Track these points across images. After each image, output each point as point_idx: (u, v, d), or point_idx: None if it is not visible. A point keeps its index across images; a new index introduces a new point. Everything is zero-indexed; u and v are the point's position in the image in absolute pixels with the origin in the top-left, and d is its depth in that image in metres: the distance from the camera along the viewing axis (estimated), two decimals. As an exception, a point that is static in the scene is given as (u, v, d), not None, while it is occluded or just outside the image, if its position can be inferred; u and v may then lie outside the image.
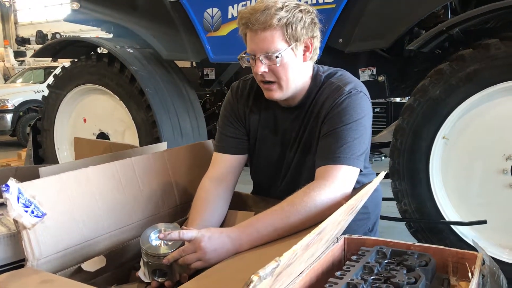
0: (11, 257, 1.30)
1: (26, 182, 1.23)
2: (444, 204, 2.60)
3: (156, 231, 1.40)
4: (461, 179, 2.57)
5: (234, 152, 1.74)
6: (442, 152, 2.59)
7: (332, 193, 1.40)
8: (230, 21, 3.16)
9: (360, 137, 1.51)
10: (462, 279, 1.14)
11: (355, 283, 0.96)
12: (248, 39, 1.55)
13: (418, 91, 2.57)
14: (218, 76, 3.80)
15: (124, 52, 3.55)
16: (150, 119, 3.50)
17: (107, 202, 1.46)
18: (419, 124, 2.56)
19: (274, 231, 1.36)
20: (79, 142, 2.21)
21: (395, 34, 2.66)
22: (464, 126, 2.53)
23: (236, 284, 0.93)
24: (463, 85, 2.44)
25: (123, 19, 3.72)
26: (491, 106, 2.46)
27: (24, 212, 1.18)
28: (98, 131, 3.93)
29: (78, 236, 1.35)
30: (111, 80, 3.65)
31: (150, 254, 1.35)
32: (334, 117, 1.54)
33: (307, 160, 1.66)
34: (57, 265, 1.29)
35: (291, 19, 1.50)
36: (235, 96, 1.79)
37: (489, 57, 2.37)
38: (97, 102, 3.90)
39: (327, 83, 1.63)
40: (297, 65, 1.58)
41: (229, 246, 1.34)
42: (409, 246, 1.20)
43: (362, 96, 1.57)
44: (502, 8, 2.40)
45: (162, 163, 1.71)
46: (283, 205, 1.40)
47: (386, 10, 2.67)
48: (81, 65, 3.81)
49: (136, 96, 3.54)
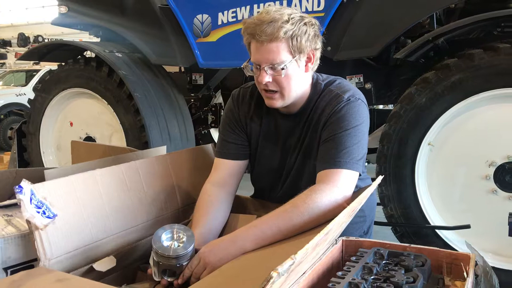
0: (21, 257, 1.32)
1: (38, 184, 1.26)
2: (429, 209, 2.67)
3: (168, 232, 1.43)
4: (446, 185, 2.65)
5: (235, 158, 1.78)
6: (427, 158, 2.66)
7: (334, 195, 1.45)
8: (220, 27, 3.20)
9: (359, 142, 1.57)
10: (456, 279, 1.19)
11: (356, 283, 1.00)
12: (254, 49, 1.59)
13: (405, 98, 2.64)
14: (207, 81, 3.83)
15: (113, 56, 3.56)
16: (138, 124, 3.51)
17: (114, 204, 1.49)
18: (405, 130, 2.63)
19: (279, 232, 1.40)
20: (77, 146, 2.21)
21: (383, 43, 2.72)
22: (449, 133, 2.60)
23: (247, 281, 0.97)
24: (448, 93, 2.52)
25: (112, 23, 3.73)
26: (474, 114, 2.54)
27: (37, 213, 1.20)
28: (84, 135, 3.92)
29: (87, 237, 1.38)
30: (99, 84, 3.65)
31: (161, 254, 1.37)
32: (334, 123, 1.59)
33: (308, 164, 1.71)
34: (68, 265, 1.32)
35: (296, 32, 1.54)
36: (236, 103, 1.83)
37: (473, 66, 2.45)
38: (84, 106, 3.89)
39: (326, 90, 1.68)
40: (300, 75, 1.63)
41: (232, 249, 1.40)
42: (405, 248, 1.25)
43: (360, 103, 1.63)
44: (484, 20, 2.49)
45: (164, 167, 1.75)
46: (286, 207, 1.44)
47: (374, 19, 2.74)
48: (68, 69, 3.80)
49: (124, 100, 3.54)
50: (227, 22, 3.16)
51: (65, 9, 3.99)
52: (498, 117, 2.48)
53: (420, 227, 2.65)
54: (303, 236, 1.37)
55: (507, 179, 2.48)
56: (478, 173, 2.55)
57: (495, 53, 2.41)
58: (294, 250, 0.88)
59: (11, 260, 1.31)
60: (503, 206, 2.48)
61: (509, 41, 2.43)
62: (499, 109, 2.48)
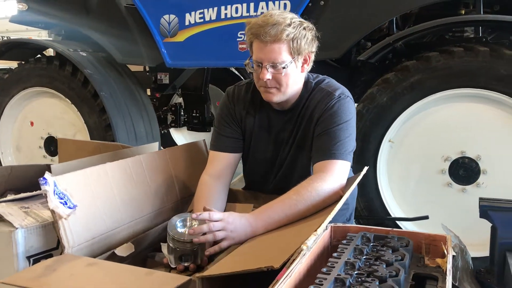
0: (42, 246, 1.40)
1: (59, 176, 1.32)
2: (390, 201, 2.83)
3: (181, 220, 1.55)
4: (405, 179, 2.82)
5: (231, 151, 1.90)
6: (388, 154, 2.82)
7: (331, 184, 1.60)
8: (187, 27, 3.25)
9: (350, 135, 1.73)
10: (435, 257, 1.32)
11: (352, 262, 1.12)
12: (256, 48, 1.72)
13: (367, 98, 2.79)
14: (173, 81, 3.86)
15: (77, 55, 3.54)
16: (103, 123, 3.50)
17: (123, 196, 1.58)
18: (367, 128, 2.78)
19: (285, 217, 1.55)
20: (64, 143, 2.22)
21: (347, 45, 2.86)
22: (408, 130, 2.77)
23: (262, 259, 1.07)
24: (407, 93, 2.69)
25: (75, 22, 3.69)
26: (431, 112, 2.72)
27: (60, 203, 1.25)
28: (46, 134, 3.87)
29: (102, 227, 1.46)
30: (62, 83, 3.62)
31: (177, 239, 1.48)
32: (327, 119, 1.74)
33: (301, 156, 1.85)
34: (87, 253, 1.40)
35: (297, 35, 1.68)
36: (232, 99, 1.95)
37: (430, 68, 2.63)
38: (46, 106, 3.84)
39: (317, 89, 1.83)
40: (296, 75, 1.77)
41: (248, 229, 1.53)
42: (388, 232, 1.38)
43: (349, 100, 1.80)
44: (439, 25, 2.67)
45: (165, 161, 1.85)
46: (290, 194, 1.59)
47: (338, 22, 2.87)
48: (29, 68, 3.73)
49: (89, 99, 3.53)
50: (195, 22, 3.21)
51: (24, 7, 3.91)
52: (453, 115, 2.67)
53: (382, 219, 2.81)
54: (305, 221, 1.50)
55: (460, 173, 2.68)
56: (434, 167, 2.73)
57: (449, 56, 2.59)
58: (302, 232, 0.98)
59: (33, 249, 1.38)
60: (458, 198, 2.68)
61: (462, 45, 2.62)
62: (453, 108, 2.67)
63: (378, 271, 1.16)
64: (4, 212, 1.39)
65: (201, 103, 4.13)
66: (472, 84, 2.56)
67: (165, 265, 1.53)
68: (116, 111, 3.48)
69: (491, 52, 2.50)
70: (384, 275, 1.14)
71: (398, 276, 1.15)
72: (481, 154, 2.61)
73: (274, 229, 1.55)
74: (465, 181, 2.67)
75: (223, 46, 3.16)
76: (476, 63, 2.52)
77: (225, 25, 3.13)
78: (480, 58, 2.51)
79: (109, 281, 1.16)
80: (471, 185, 2.65)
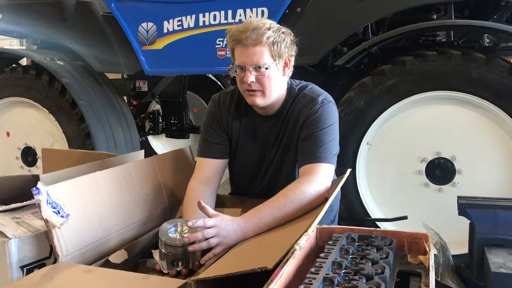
0: (35, 256, 1.40)
1: (52, 186, 1.32)
2: (370, 203, 2.91)
3: (172, 225, 1.58)
4: (384, 180, 2.90)
5: (218, 157, 1.94)
6: (366, 156, 2.90)
7: (317, 186, 1.65)
8: (165, 35, 3.27)
9: (334, 139, 1.79)
10: (417, 254, 1.38)
11: (339, 261, 1.16)
12: (238, 53, 1.77)
13: (344, 102, 2.86)
14: (151, 88, 3.86)
15: (54, 64, 3.51)
16: (82, 132, 3.49)
17: (114, 204, 1.59)
18: (346, 132, 2.84)
19: (274, 219, 1.59)
20: (48, 153, 2.21)
21: (324, 51, 2.93)
22: (385, 133, 2.85)
23: (255, 261, 1.10)
24: (384, 96, 2.77)
25: (51, 31, 3.67)
26: (407, 115, 2.81)
27: (53, 212, 1.26)
28: (23, 145, 3.82)
29: (94, 235, 1.48)
30: (39, 93, 3.58)
31: (169, 244, 1.51)
32: (311, 123, 1.80)
33: (287, 160, 1.90)
34: (80, 261, 1.42)
35: (277, 38, 1.75)
36: (218, 106, 1.99)
37: (405, 72, 2.71)
38: (22, 115, 3.79)
39: (301, 94, 1.89)
40: (279, 78, 1.82)
41: (239, 233, 1.56)
42: (372, 231, 1.43)
43: (332, 105, 1.86)
44: (412, 31, 2.75)
45: (152, 168, 1.87)
46: (278, 197, 1.63)
47: (315, 29, 2.93)
48: (5, 77, 3.69)
49: (67, 108, 3.51)
50: (173, 30, 3.24)
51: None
52: (428, 117, 2.76)
53: (362, 220, 2.88)
54: (293, 223, 1.54)
55: (437, 173, 2.76)
56: (411, 168, 2.81)
57: (423, 60, 2.67)
58: (291, 233, 1.02)
59: (26, 259, 1.39)
60: (435, 197, 2.77)
61: (435, 49, 2.71)
62: (428, 110, 2.76)
63: (364, 269, 1.21)
64: (-4, 223, 1.39)
65: (179, 110, 4.13)
66: (445, 87, 2.65)
67: (157, 271, 1.55)
68: (95, 120, 3.47)
69: (463, 56, 2.59)
70: (370, 273, 1.19)
71: (384, 273, 1.20)
72: (456, 154, 2.70)
73: (264, 231, 1.59)
74: (441, 181, 2.75)
75: (202, 53, 3.19)
76: (449, 66, 2.61)
77: (204, 32, 3.16)
78: (452, 61, 2.60)
79: (107, 286, 1.18)
80: (447, 184, 2.74)
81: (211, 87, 4.39)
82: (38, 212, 1.32)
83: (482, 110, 2.64)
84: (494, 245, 1.85)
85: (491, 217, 1.85)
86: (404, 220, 2.78)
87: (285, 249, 1.17)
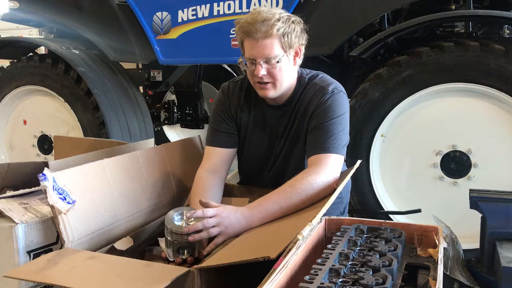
0: (42, 241, 1.42)
1: (58, 172, 1.33)
2: (383, 196, 2.87)
3: (178, 213, 1.57)
4: (398, 173, 2.86)
5: (226, 146, 1.93)
6: (380, 149, 2.86)
7: (325, 177, 1.63)
8: (180, 25, 3.26)
9: (344, 129, 1.76)
10: (427, 247, 1.35)
11: (346, 253, 1.14)
12: (248, 46, 1.74)
13: (359, 93, 2.82)
14: (166, 78, 3.87)
15: (70, 53, 3.54)
16: (97, 120, 3.51)
17: (121, 191, 1.60)
18: (360, 123, 2.81)
19: (280, 210, 1.57)
20: (60, 140, 2.23)
21: (339, 41, 2.89)
22: (400, 125, 2.81)
23: (259, 250, 1.09)
24: (399, 88, 2.72)
25: (68, 20, 3.69)
26: (423, 107, 2.76)
27: (59, 199, 1.27)
28: (40, 133, 3.87)
29: (100, 222, 1.49)
30: (55, 81, 3.62)
31: (175, 232, 1.51)
32: (321, 113, 1.77)
33: (295, 150, 1.88)
34: (86, 247, 1.42)
35: (287, 29, 1.72)
36: (227, 95, 1.97)
37: (421, 63, 2.66)
38: (39, 104, 3.84)
39: (311, 84, 1.86)
40: (290, 68, 1.80)
41: (243, 223, 1.55)
42: (381, 223, 1.41)
43: (342, 95, 1.83)
44: (429, 21, 2.70)
45: (161, 156, 1.87)
46: (285, 187, 1.61)
47: (330, 19, 2.89)
48: (22, 66, 3.73)
49: (82, 97, 3.54)
50: (187, 19, 3.23)
51: (15, 5, 3.89)
52: (444, 109, 2.71)
53: (375, 213, 2.84)
54: (300, 213, 1.53)
55: (452, 166, 2.72)
56: (426, 161, 2.77)
57: (440, 51, 2.62)
58: (297, 224, 1.01)
59: (33, 244, 1.40)
60: (449, 191, 2.72)
61: (452, 40, 2.66)
62: (444, 102, 2.71)
63: (371, 261, 1.19)
64: (4, 208, 1.41)
65: (194, 100, 4.14)
66: (462, 79, 2.60)
67: (163, 259, 1.55)
68: (110, 109, 3.49)
69: (481, 47, 2.53)
70: (377, 264, 1.17)
71: (391, 266, 1.18)
72: (472, 147, 2.65)
73: (270, 221, 1.57)
74: (456, 174, 2.71)
75: (216, 42, 3.18)
76: (466, 57, 2.56)
77: (218, 22, 3.14)
78: (470, 52, 2.55)
79: (110, 273, 1.18)
80: (463, 178, 2.69)
81: (226, 77, 4.37)
82: (46, 198, 1.32)
83: (500, 103, 2.58)
84: (506, 240, 1.82)
85: (503, 211, 1.81)
86: (417, 213, 2.74)
87: (289, 239, 1.16)
